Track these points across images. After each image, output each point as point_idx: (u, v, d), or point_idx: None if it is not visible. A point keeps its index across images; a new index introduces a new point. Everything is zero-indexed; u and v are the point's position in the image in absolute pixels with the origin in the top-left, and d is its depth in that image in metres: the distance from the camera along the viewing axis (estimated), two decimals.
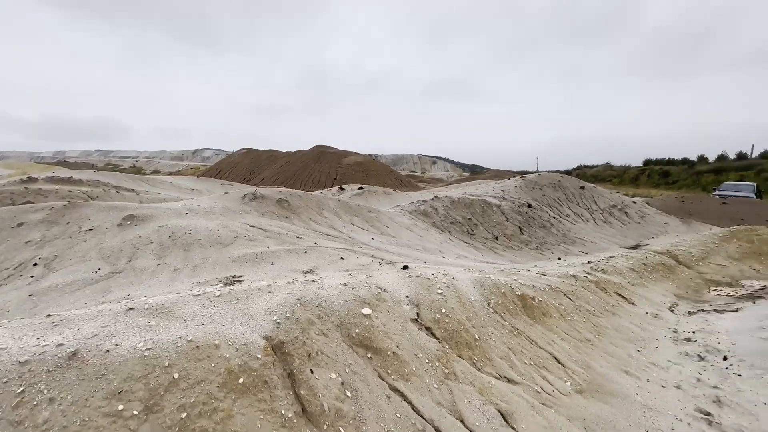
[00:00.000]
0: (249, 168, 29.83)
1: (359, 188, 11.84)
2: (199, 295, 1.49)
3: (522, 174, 13.93)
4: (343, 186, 13.14)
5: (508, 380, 1.92)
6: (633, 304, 3.87)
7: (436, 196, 7.78)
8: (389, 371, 1.49)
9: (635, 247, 7.25)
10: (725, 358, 2.70)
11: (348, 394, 1.29)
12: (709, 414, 2.03)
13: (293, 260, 3.06)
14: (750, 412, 2.04)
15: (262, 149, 34.82)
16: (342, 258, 3.24)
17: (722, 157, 37.44)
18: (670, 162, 41.04)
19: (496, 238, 6.59)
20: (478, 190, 9.91)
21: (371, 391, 1.35)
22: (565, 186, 10.33)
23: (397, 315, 1.91)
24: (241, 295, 1.53)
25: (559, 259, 5.90)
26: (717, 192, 17.76)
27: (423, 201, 7.24)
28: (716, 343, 2.99)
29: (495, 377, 1.89)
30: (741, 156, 36.46)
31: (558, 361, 2.32)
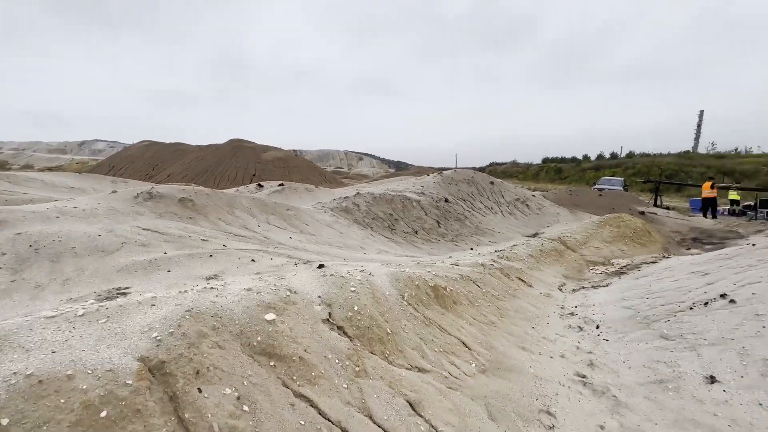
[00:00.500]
0: (151, 163, 26.46)
1: (279, 185, 11.33)
2: (54, 316, 1.23)
3: (440, 170, 14.81)
4: (262, 183, 12.46)
5: (419, 369, 1.99)
6: (530, 286, 4.35)
7: (358, 193, 7.82)
8: (294, 377, 1.42)
9: (534, 235, 8.21)
10: (597, 327, 3.19)
11: (245, 408, 1.19)
12: (584, 376, 2.37)
13: (196, 265, 2.77)
14: (613, 371, 2.44)
15: (168, 142, 31.19)
16: (253, 260, 3.03)
17: (600, 157, 44.66)
18: (563, 160, 47.66)
19: (416, 232, 6.87)
20: (399, 186, 10.23)
21: (273, 402, 1.27)
22: (477, 181, 11.24)
23: (307, 317, 1.84)
24: (114, 312, 1.30)
25: (471, 249, 6.38)
26: (596, 186, 21.14)
27: (345, 198, 7.21)
28: (592, 314, 3.52)
29: (406, 368, 1.95)
30: (613, 156, 43.94)
31: (465, 345, 2.48)
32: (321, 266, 2.81)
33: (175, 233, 3.33)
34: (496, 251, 5.38)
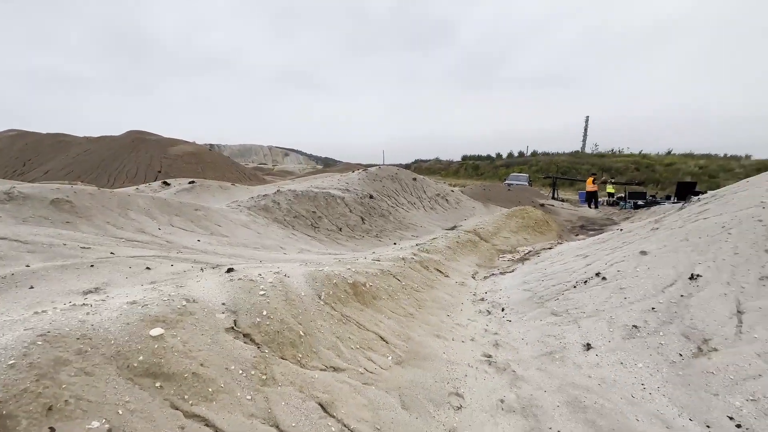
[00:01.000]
0: (21, 157, 21.98)
1: (190, 182, 10.29)
2: None
3: (366, 167, 14.98)
4: (169, 180, 11.18)
5: (334, 369, 1.96)
6: (447, 276, 4.63)
7: (278, 190, 7.48)
8: (187, 396, 1.28)
9: (453, 228, 8.78)
10: (503, 310, 3.51)
11: None
12: (489, 356, 2.59)
13: (71, 279, 2.35)
14: (514, 348, 2.72)
15: (45, 132, 26.21)
16: (149, 268, 2.69)
17: (510, 155, 49.70)
18: (480, 158, 51.95)
19: (340, 230, 6.82)
20: (324, 183, 10.06)
21: (157, 428, 1.13)
22: (401, 178, 11.60)
23: (207, 327, 1.68)
24: None
25: (395, 244, 6.55)
26: (506, 181, 23.45)
27: (264, 195, 6.84)
28: (499, 299, 3.87)
29: (320, 369, 1.90)
30: (521, 154, 49.28)
31: (383, 339, 2.53)
32: (230, 270, 2.61)
33: (44, 241, 2.80)
34: (417, 245, 5.60)
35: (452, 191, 13.44)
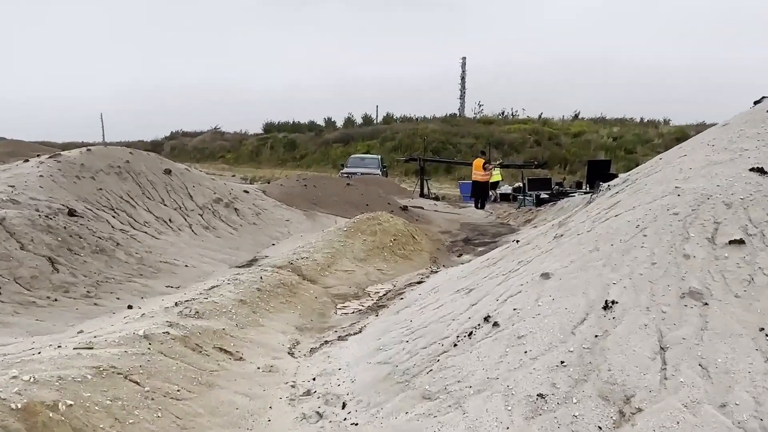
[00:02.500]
0: None
1: None
2: None
3: (61, 150, 13.51)
4: None
5: None
6: (242, 358, 4.58)
7: None
8: None
9: (250, 263, 8.81)
10: (344, 406, 3.68)
11: None
12: None
13: None
14: None
15: None
16: None
17: (350, 122, 53.47)
18: (297, 127, 53.97)
19: None
20: None
21: None
22: (138, 171, 10.97)
23: None
24: None
25: (130, 307, 6.16)
26: (344, 170, 25.08)
27: None
28: (337, 386, 4.04)
29: None
30: (367, 120, 53.71)
31: None
32: None
33: None
34: (178, 303, 5.39)
35: (246, 192, 13.52)
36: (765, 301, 3.17)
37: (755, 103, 5.79)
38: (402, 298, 6.53)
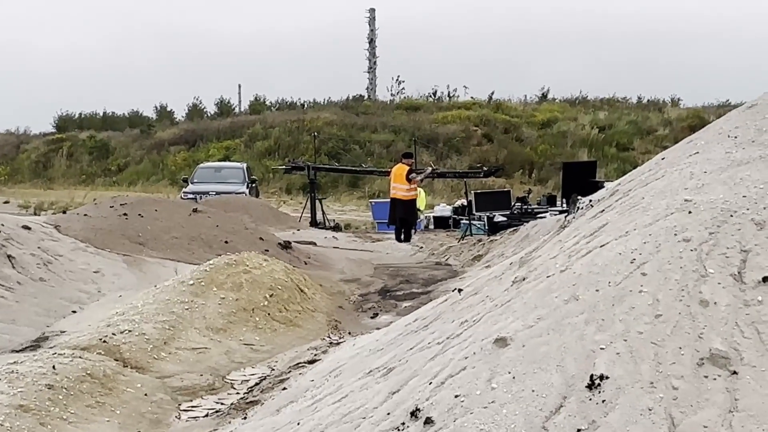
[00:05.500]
0: None
1: None
2: None
3: None
4: None
5: None
6: None
7: None
8: None
9: (37, 343, 8.44)
10: None
11: None
12: None
13: None
14: None
15: None
16: None
17: (196, 110, 52.66)
18: (110, 122, 52.46)
19: None
20: None
21: None
22: None
23: None
24: None
25: None
26: (189, 188, 24.63)
27: None
28: None
29: None
30: (224, 108, 53.05)
31: None
32: None
33: None
34: None
35: (28, 229, 13.03)
36: None
37: None
38: (285, 389, 6.45)
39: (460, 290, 6.52)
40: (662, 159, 6.10)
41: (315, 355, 7.66)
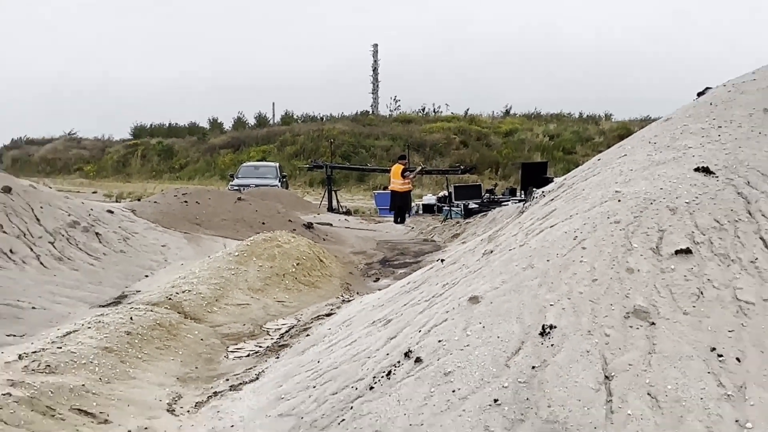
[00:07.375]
0: None
1: None
2: None
3: None
4: None
5: None
6: (107, 421, 4.40)
7: None
8: None
9: (117, 300, 8.49)
10: None
11: None
12: None
13: None
14: None
15: None
16: None
17: (241, 123, 52.69)
18: (174, 131, 52.54)
19: None
20: None
21: None
22: None
23: None
24: None
25: None
26: (234, 182, 24.76)
27: None
28: None
29: None
30: (261, 120, 53.13)
31: None
32: None
33: None
34: (22, 357, 5.14)
35: (111, 213, 13.09)
36: (715, 317, 3.38)
37: (699, 94, 6.19)
38: (308, 335, 6.48)
39: (442, 260, 6.54)
40: (598, 160, 6.16)
41: (331, 309, 7.69)
